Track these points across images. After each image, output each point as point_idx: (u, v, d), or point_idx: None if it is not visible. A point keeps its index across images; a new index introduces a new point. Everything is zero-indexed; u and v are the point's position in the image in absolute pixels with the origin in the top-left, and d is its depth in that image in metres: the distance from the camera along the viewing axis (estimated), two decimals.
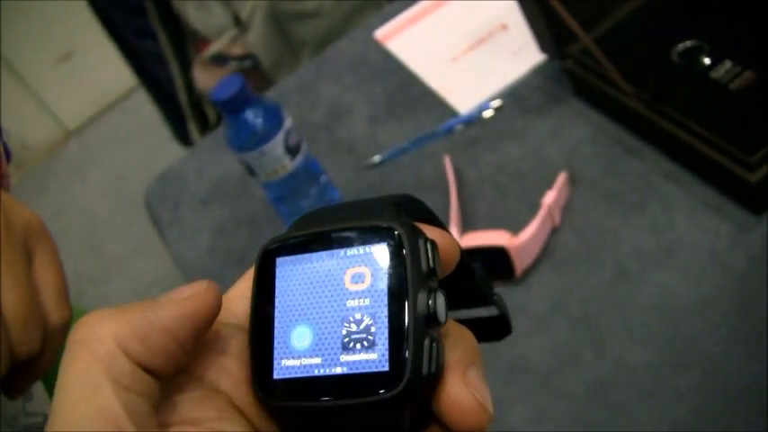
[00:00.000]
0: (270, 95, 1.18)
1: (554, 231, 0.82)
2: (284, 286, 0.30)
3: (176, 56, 1.71)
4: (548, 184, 0.82)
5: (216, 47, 1.58)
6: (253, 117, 0.86)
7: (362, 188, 0.97)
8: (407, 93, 1.07)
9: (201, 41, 1.64)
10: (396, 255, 0.28)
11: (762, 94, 0.76)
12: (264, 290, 0.30)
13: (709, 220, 0.76)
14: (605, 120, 0.89)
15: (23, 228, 0.45)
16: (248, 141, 0.86)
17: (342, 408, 0.28)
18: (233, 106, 0.85)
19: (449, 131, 0.97)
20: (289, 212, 0.94)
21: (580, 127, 0.90)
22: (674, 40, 0.84)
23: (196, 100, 1.76)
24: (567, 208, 0.83)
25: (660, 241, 0.77)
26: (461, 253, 0.31)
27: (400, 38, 1.15)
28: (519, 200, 0.86)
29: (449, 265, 0.30)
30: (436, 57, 1.09)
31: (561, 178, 0.82)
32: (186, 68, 1.71)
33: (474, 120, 0.97)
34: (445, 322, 0.28)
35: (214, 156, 1.15)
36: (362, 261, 0.28)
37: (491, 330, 0.37)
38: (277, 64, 1.55)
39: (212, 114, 1.76)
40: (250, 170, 0.90)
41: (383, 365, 0.27)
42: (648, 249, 0.77)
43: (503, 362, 0.74)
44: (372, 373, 0.27)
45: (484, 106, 0.98)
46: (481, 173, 0.91)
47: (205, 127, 1.80)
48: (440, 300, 0.28)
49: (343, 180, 0.99)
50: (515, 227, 0.80)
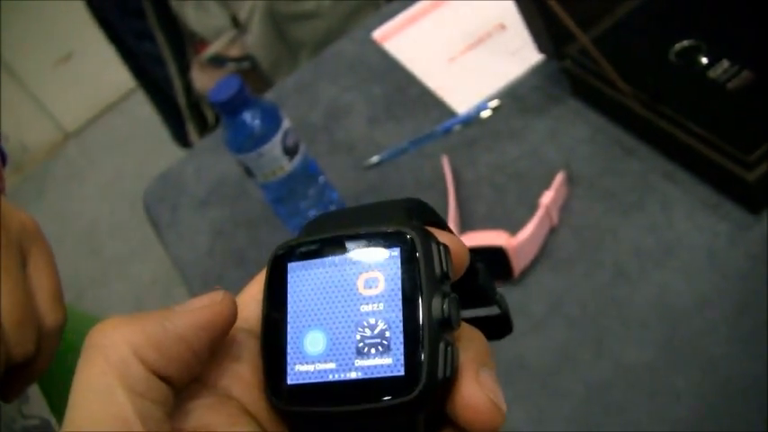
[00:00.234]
0: (268, 96, 1.18)
1: (552, 231, 0.82)
2: (296, 291, 0.30)
3: (175, 57, 1.71)
4: (546, 184, 0.82)
5: (214, 48, 1.58)
6: (251, 118, 0.86)
7: (361, 189, 0.97)
8: (406, 93, 1.07)
9: (200, 43, 1.64)
10: (409, 259, 0.28)
11: (759, 94, 0.76)
12: (276, 295, 0.30)
13: (707, 220, 0.76)
14: (603, 119, 0.89)
15: (18, 231, 0.45)
16: (246, 142, 0.86)
17: (357, 413, 0.28)
18: (231, 107, 0.85)
19: (447, 132, 0.97)
20: (287, 213, 0.94)
21: (578, 127, 0.90)
22: (672, 40, 0.84)
23: (194, 101, 1.77)
24: (566, 208, 0.83)
25: (659, 241, 0.77)
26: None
27: (398, 38, 1.15)
28: (517, 200, 0.86)
29: (459, 269, 0.30)
30: (434, 57, 1.09)
31: (559, 178, 0.82)
32: (185, 70, 1.71)
33: (472, 120, 0.97)
34: (459, 326, 0.28)
35: (212, 157, 1.15)
36: (376, 266, 0.28)
37: (492, 329, 0.37)
38: (275, 65, 1.55)
39: (211, 116, 1.76)
40: (248, 171, 0.90)
41: (399, 370, 0.27)
42: (647, 249, 0.77)
43: (502, 362, 0.74)
44: (388, 378, 0.27)
45: (482, 106, 0.98)
46: (479, 173, 0.91)
47: (204, 128, 1.80)
48: (454, 304, 0.28)
49: (341, 181, 0.98)
50: (513, 227, 0.79)
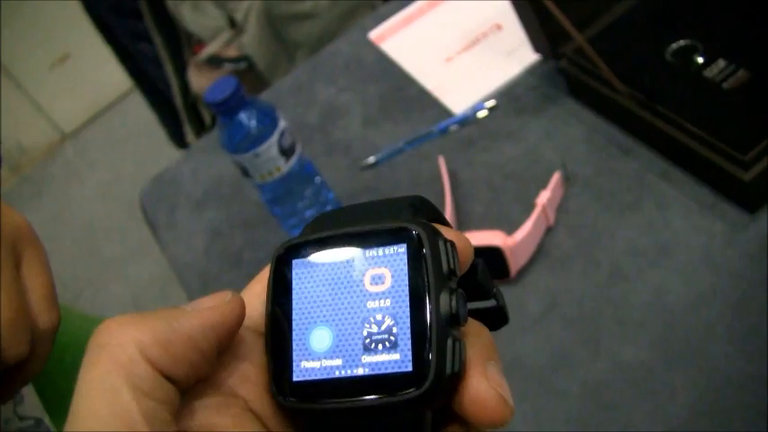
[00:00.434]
0: (265, 97, 1.18)
1: (549, 231, 0.82)
2: (301, 288, 0.29)
3: (171, 58, 1.71)
4: (542, 184, 0.82)
5: (211, 49, 1.58)
6: (247, 119, 0.86)
7: (357, 189, 0.97)
8: (402, 93, 1.07)
9: (196, 43, 1.64)
10: (416, 256, 0.28)
11: (755, 93, 0.76)
12: (281, 292, 0.30)
13: (703, 219, 0.76)
14: (599, 119, 0.89)
15: (12, 232, 0.45)
16: (243, 143, 0.86)
17: (364, 409, 0.27)
18: (227, 108, 0.85)
19: (443, 132, 0.98)
20: (283, 214, 0.94)
21: (574, 127, 0.90)
22: (668, 40, 0.84)
23: (191, 102, 1.77)
24: (562, 208, 0.83)
25: (655, 240, 0.77)
26: None
27: (395, 39, 1.15)
28: (513, 200, 0.86)
29: (465, 266, 0.30)
30: (431, 57, 1.09)
31: (555, 178, 0.82)
32: (181, 71, 1.71)
33: (468, 120, 0.97)
34: (466, 322, 0.28)
35: (209, 157, 1.14)
36: (382, 262, 0.28)
37: (488, 322, 0.38)
38: (272, 65, 1.55)
39: (208, 116, 1.77)
40: (245, 172, 0.90)
41: (406, 366, 0.27)
42: (643, 248, 0.77)
43: None
44: (396, 374, 0.27)
45: (478, 106, 0.98)
46: (476, 173, 0.91)
47: (200, 129, 1.80)
48: (461, 300, 0.28)
49: (338, 181, 0.98)
50: (510, 227, 0.80)
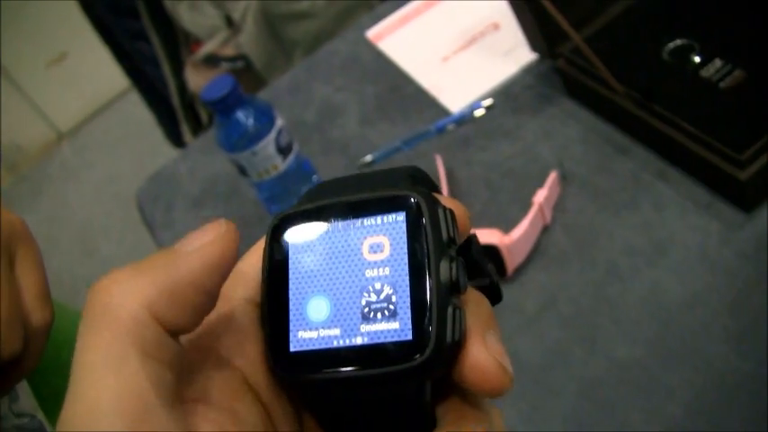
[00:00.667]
0: (262, 96, 1.17)
1: (545, 230, 0.82)
2: (298, 258, 0.29)
3: (169, 57, 1.71)
4: (539, 183, 0.82)
5: (208, 48, 1.58)
6: (244, 117, 0.86)
7: None
8: (399, 92, 1.07)
9: (194, 43, 1.64)
10: (415, 223, 0.27)
11: (751, 93, 0.76)
12: (277, 262, 0.29)
13: (699, 218, 0.76)
14: (596, 119, 0.89)
15: (6, 231, 0.45)
16: (240, 141, 0.86)
17: (363, 378, 0.27)
18: (224, 106, 0.85)
19: (440, 131, 0.98)
20: None
21: (571, 126, 0.90)
22: (665, 39, 0.84)
23: (189, 101, 1.76)
24: (559, 206, 0.83)
25: (651, 239, 0.77)
26: None
27: (392, 38, 1.15)
28: (510, 198, 0.86)
29: (463, 235, 0.30)
30: (428, 56, 1.09)
31: (552, 177, 0.82)
32: (179, 70, 1.71)
33: (465, 119, 0.98)
34: (466, 290, 0.28)
35: (206, 156, 1.14)
36: (381, 230, 0.28)
37: None
38: (269, 65, 1.55)
39: (205, 116, 1.76)
40: (242, 170, 0.90)
41: (406, 334, 0.26)
42: (639, 247, 0.77)
43: None
44: (395, 343, 0.26)
45: (475, 105, 0.98)
46: (473, 172, 0.91)
47: (198, 128, 1.80)
48: (461, 268, 0.27)
49: None
50: (507, 225, 0.80)
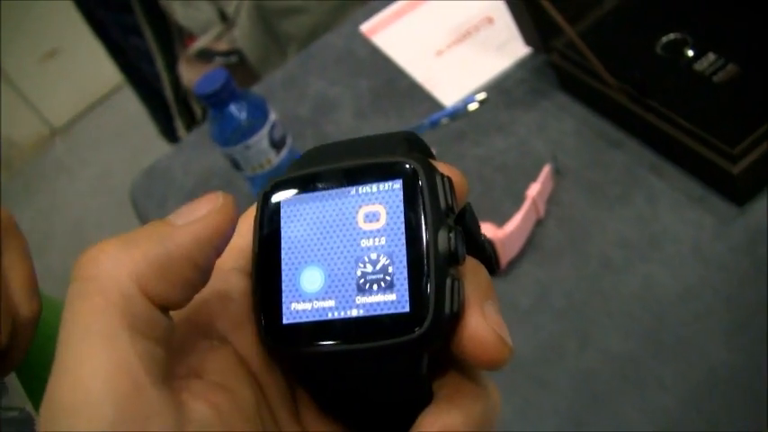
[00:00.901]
0: (256, 90, 1.17)
1: (539, 223, 0.82)
2: (290, 227, 0.28)
3: (162, 52, 1.70)
4: (533, 177, 0.83)
5: (202, 42, 1.58)
6: (237, 111, 0.86)
7: None
8: (393, 86, 1.07)
9: (187, 37, 1.64)
10: (412, 192, 0.26)
11: (744, 87, 0.77)
12: (268, 231, 0.28)
13: (692, 212, 0.77)
14: (590, 113, 0.89)
15: None
16: (233, 135, 0.86)
17: (359, 352, 0.26)
18: (217, 100, 0.85)
19: (434, 125, 0.98)
20: None
21: (565, 120, 0.90)
22: (658, 33, 0.84)
23: (182, 96, 1.76)
24: (552, 200, 0.83)
25: (644, 233, 0.77)
26: None
27: (386, 32, 1.15)
28: (504, 192, 0.86)
29: (461, 203, 0.29)
30: (422, 50, 1.09)
31: (545, 171, 0.82)
32: (172, 65, 1.71)
33: (459, 113, 0.98)
34: (464, 260, 0.27)
35: (200, 151, 1.14)
36: (376, 198, 0.27)
37: None
38: (263, 60, 1.55)
39: (199, 110, 1.76)
40: (235, 164, 0.90)
41: (403, 306, 0.25)
42: (632, 241, 0.77)
43: None
44: (392, 315, 0.25)
45: (469, 99, 0.98)
46: (466, 166, 0.91)
47: (192, 123, 1.79)
48: (460, 238, 0.26)
49: None
50: (500, 219, 0.80)
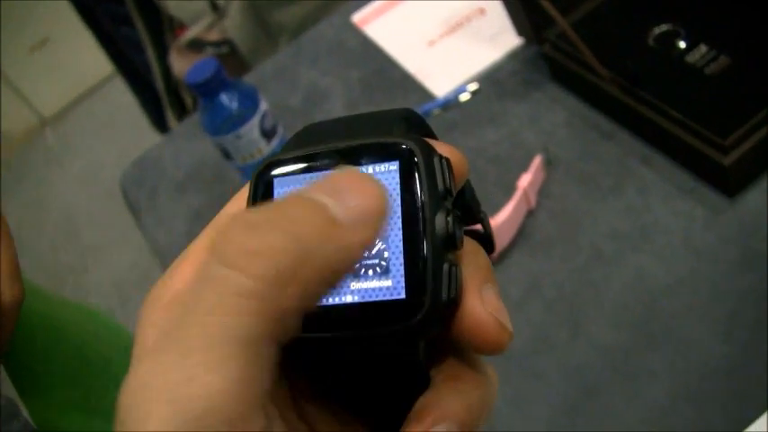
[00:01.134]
0: (247, 80, 1.17)
1: (530, 214, 0.82)
2: None
3: (153, 42, 1.70)
4: (524, 168, 0.82)
5: (193, 32, 1.57)
6: (228, 100, 0.85)
7: None
8: (385, 77, 1.07)
9: (178, 27, 1.63)
10: (409, 174, 0.25)
11: (736, 79, 0.76)
12: None
13: (683, 204, 0.77)
14: (581, 104, 0.89)
15: None
16: (224, 125, 0.86)
17: (353, 339, 0.25)
18: (208, 89, 0.84)
19: (426, 115, 0.97)
20: None
21: (556, 111, 0.90)
22: (650, 25, 0.84)
23: (173, 86, 1.75)
24: (543, 191, 0.83)
25: (635, 224, 0.77)
26: None
27: (378, 22, 1.15)
28: (495, 183, 0.86)
29: (459, 184, 0.28)
30: (413, 41, 1.09)
31: (537, 161, 0.82)
32: (163, 55, 1.70)
33: (451, 103, 0.97)
34: (462, 245, 0.26)
35: (190, 141, 1.14)
36: None
37: None
38: (254, 50, 1.54)
39: (190, 101, 1.75)
40: (226, 154, 0.90)
41: (399, 293, 0.25)
42: (623, 232, 0.77)
43: None
44: (388, 302, 0.25)
45: (461, 90, 0.98)
46: None
47: (183, 114, 1.79)
48: (457, 221, 0.25)
49: None
50: (491, 210, 0.79)
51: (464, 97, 0.97)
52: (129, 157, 1.21)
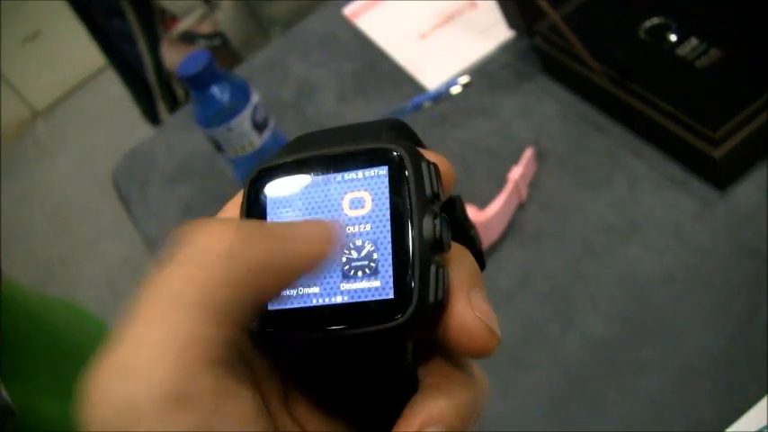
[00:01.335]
0: (238, 72, 1.17)
1: (521, 207, 0.82)
2: (276, 213, 0.28)
3: (145, 34, 1.69)
4: (515, 160, 0.83)
5: (184, 25, 1.57)
6: (219, 92, 0.85)
7: None
8: (376, 69, 1.07)
9: (170, 20, 1.62)
10: (398, 178, 0.26)
11: (726, 72, 0.77)
12: (255, 218, 0.28)
13: (674, 196, 0.77)
14: (573, 96, 0.89)
15: None
16: (215, 117, 0.86)
17: (343, 338, 0.26)
18: (199, 81, 0.84)
19: (417, 108, 0.97)
20: None
21: (548, 104, 0.90)
22: (641, 18, 0.84)
23: (165, 79, 1.75)
24: (534, 184, 0.84)
25: (626, 216, 0.77)
26: None
27: (369, 15, 1.15)
28: (486, 176, 0.86)
29: (448, 190, 0.29)
30: (405, 33, 1.09)
31: (528, 154, 0.82)
32: (155, 47, 1.69)
33: (442, 96, 0.97)
34: (450, 248, 0.27)
35: (182, 133, 1.14)
36: (362, 185, 0.27)
37: None
38: (246, 42, 1.54)
39: (181, 93, 1.75)
40: (218, 146, 0.90)
41: (387, 293, 0.26)
42: (614, 224, 0.77)
43: None
44: (376, 302, 0.26)
45: (452, 83, 0.98)
46: (449, 149, 0.91)
47: (174, 106, 1.78)
48: (445, 225, 0.26)
49: None
50: (482, 202, 0.80)
51: (455, 90, 0.97)
52: (121, 150, 1.21)
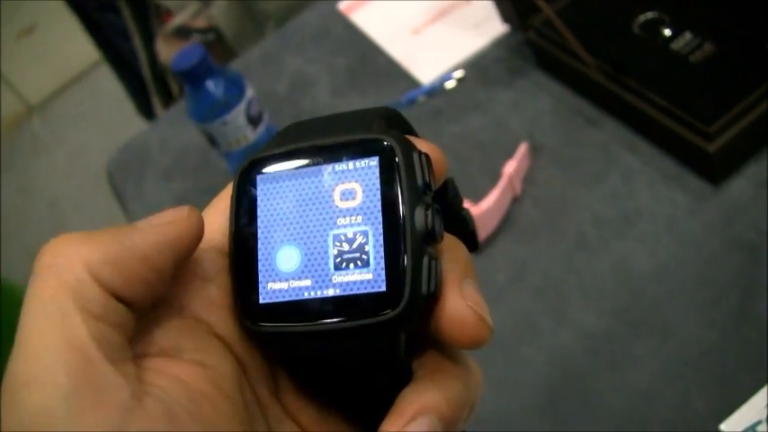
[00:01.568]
0: (233, 67, 1.17)
1: (515, 201, 0.82)
2: (267, 205, 0.28)
3: (139, 29, 1.69)
4: (509, 155, 0.83)
5: (179, 19, 1.56)
6: (214, 87, 0.85)
7: None
8: (370, 64, 1.06)
9: (165, 14, 1.62)
10: (389, 169, 0.26)
11: (721, 66, 0.77)
12: (245, 210, 0.28)
13: (667, 190, 0.77)
14: (567, 91, 0.90)
15: None
16: (210, 111, 0.86)
17: (335, 331, 0.26)
18: (194, 76, 0.84)
19: (411, 102, 0.97)
20: None
21: (542, 98, 0.90)
22: (636, 12, 0.84)
23: (159, 73, 1.74)
24: (528, 178, 0.84)
25: (620, 211, 0.77)
26: None
27: (364, 9, 1.15)
28: (480, 170, 0.86)
29: (439, 180, 0.29)
30: (399, 28, 1.09)
31: (522, 148, 0.82)
32: (149, 42, 1.69)
33: (436, 91, 0.97)
34: (442, 239, 0.27)
35: (177, 127, 1.14)
36: (353, 176, 0.27)
37: None
38: (241, 37, 1.54)
39: (176, 88, 1.75)
40: (212, 141, 0.89)
41: (380, 285, 0.25)
42: (608, 219, 0.77)
43: None
44: (368, 294, 0.25)
45: (446, 77, 0.98)
46: (443, 143, 0.91)
47: (169, 101, 1.78)
48: (437, 215, 0.26)
49: None
50: (476, 197, 0.80)
51: (450, 84, 0.97)
52: (116, 144, 1.20)
